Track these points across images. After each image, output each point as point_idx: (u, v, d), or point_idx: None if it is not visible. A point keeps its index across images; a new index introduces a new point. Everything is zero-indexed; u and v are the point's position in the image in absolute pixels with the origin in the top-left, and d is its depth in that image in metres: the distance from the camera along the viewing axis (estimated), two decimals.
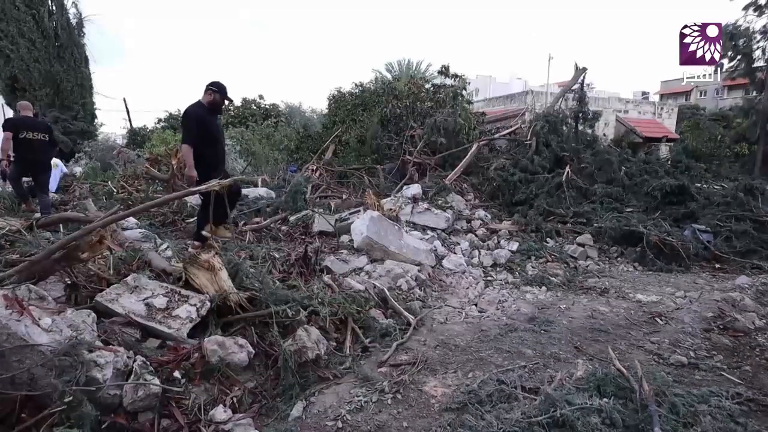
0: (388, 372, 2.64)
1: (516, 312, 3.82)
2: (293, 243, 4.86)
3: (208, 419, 2.10)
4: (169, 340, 2.44)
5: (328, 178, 9.36)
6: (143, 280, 2.69)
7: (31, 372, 1.86)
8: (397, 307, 3.46)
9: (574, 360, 2.77)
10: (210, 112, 3.92)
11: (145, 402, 2.03)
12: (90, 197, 6.40)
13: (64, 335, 2.05)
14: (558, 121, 8.86)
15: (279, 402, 2.31)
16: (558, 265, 5.39)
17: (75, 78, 18.84)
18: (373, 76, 22.32)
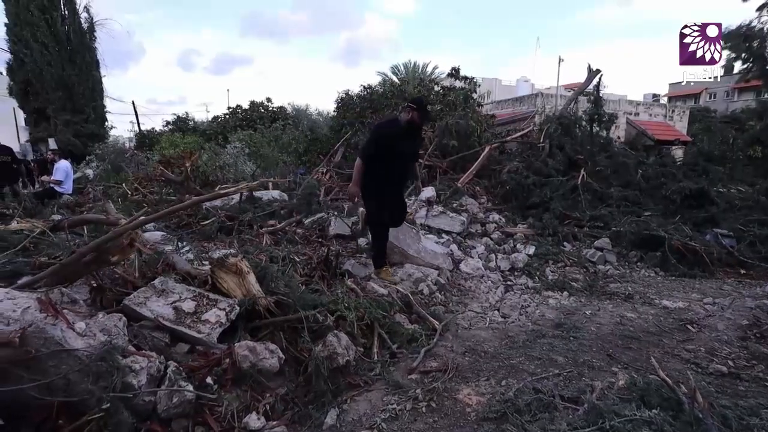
0: (419, 379, 2.59)
1: (541, 317, 3.76)
2: (310, 246, 4.82)
3: (242, 427, 2.06)
4: (198, 345, 2.40)
5: (339, 180, 9.35)
6: (170, 284, 2.66)
7: (67, 377, 1.82)
8: (421, 312, 3.41)
9: (609, 368, 2.70)
10: (405, 132, 3.61)
11: (179, 409, 2.00)
12: (106, 199, 6.41)
13: (97, 340, 2.01)
14: (571, 124, 8.81)
15: (311, 409, 2.26)
16: (577, 270, 5.32)
17: (86, 82, 19.03)
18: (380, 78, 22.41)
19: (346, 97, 12.78)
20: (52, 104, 18.32)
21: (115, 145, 16.77)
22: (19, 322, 1.87)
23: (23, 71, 18.08)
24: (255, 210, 5.92)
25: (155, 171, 8.12)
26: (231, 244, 4.59)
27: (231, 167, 10.07)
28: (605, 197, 7.18)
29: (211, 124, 18.73)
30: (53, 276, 2.31)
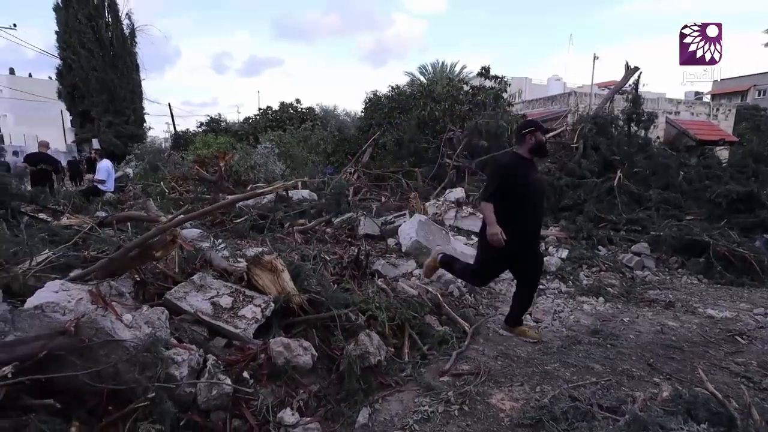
0: (450, 381, 2.56)
1: (575, 323, 3.64)
2: (340, 245, 4.87)
3: (277, 422, 2.10)
4: (235, 340, 2.47)
5: (366, 180, 9.40)
6: (208, 279, 2.75)
7: (116, 366, 1.92)
8: (451, 314, 3.38)
9: (651, 379, 2.59)
10: (527, 162, 3.05)
11: (218, 401, 2.06)
12: (147, 197, 6.70)
13: (143, 331, 2.11)
14: (607, 124, 8.47)
15: (343, 407, 2.28)
16: (613, 275, 5.12)
17: (127, 85, 20.00)
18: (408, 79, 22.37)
19: (374, 98, 12.83)
20: (96, 107, 19.40)
21: (152, 146, 17.55)
22: (74, 312, 1.98)
23: (71, 76, 19.24)
24: (285, 209, 6.04)
25: (191, 170, 8.44)
26: (263, 242, 4.70)
27: (261, 167, 10.31)
28: (643, 200, 6.87)
29: (243, 125, 19.28)
30: (102, 269, 2.44)
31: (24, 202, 4.16)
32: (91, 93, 19.14)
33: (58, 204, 4.74)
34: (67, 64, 19.19)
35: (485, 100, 10.53)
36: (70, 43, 18.86)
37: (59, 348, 1.82)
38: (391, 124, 11.88)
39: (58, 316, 1.94)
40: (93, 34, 19.13)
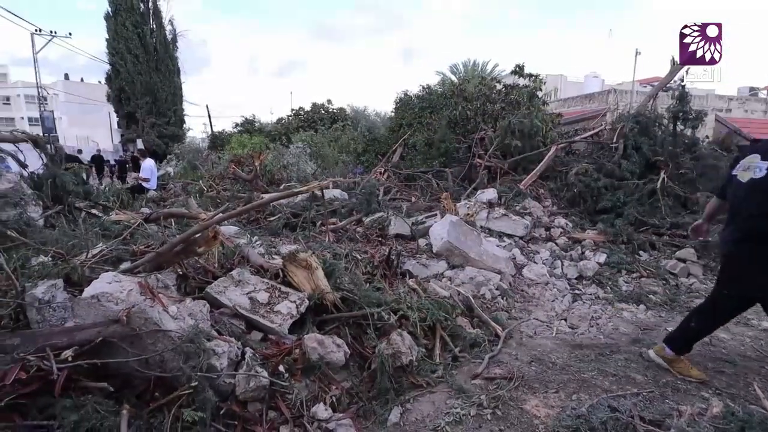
0: (483, 385, 2.53)
1: (614, 331, 3.49)
2: (370, 244, 4.91)
3: (311, 416, 2.15)
4: (271, 334, 2.54)
5: (396, 180, 9.41)
6: (246, 275, 2.85)
7: (162, 355, 2.03)
8: (483, 317, 3.33)
9: (698, 393, 2.44)
10: None
11: (255, 393, 2.13)
12: (187, 195, 7.02)
13: (186, 323, 2.21)
14: (650, 122, 8.05)
15: (375, 405, 2.31)
16: (655, 282, 4.86)
17: (169, 88, 21.00)
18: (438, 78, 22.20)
19: (405, 98, 12.82)
20: (140, 109, 20.53)
21: (191, 146, 18.33)
22: (125, 302, 2.11)
23: (119, 80, 20.47)
24: (317, 208, 6.15)
25: (228, 169, 8.75)
26: (296, 240, 4.81)
27: (293, 166, 10.55)
28: (689, 203, 6.49)
29: (276, 126, 19.77)
30: (150, 263, 2.58)
31: (79, 198, 4.46)
32: (136, 96, 20.30)
33: (108, 200, 5.05)
34: (116, 69, 20.44)
35: (519, 98, 10.28)
36: (118, 49, 20.07)
37: (113, 335, 1.95)
38: (422, 124, 11.84)
39: (112, 305, 2.08)
40: (139, 40, 20.26)
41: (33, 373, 1.80)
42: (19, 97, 46.79)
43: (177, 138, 20.63)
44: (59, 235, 2.93)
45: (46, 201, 3.91)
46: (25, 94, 43.96)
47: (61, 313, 2.17)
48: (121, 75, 20.15)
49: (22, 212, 3.32)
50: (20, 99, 46.61)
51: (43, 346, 1.87)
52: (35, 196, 3.70)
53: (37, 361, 1.81)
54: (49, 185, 3.93)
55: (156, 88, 20.44)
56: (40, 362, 1.80)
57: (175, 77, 21.75)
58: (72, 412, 1.78)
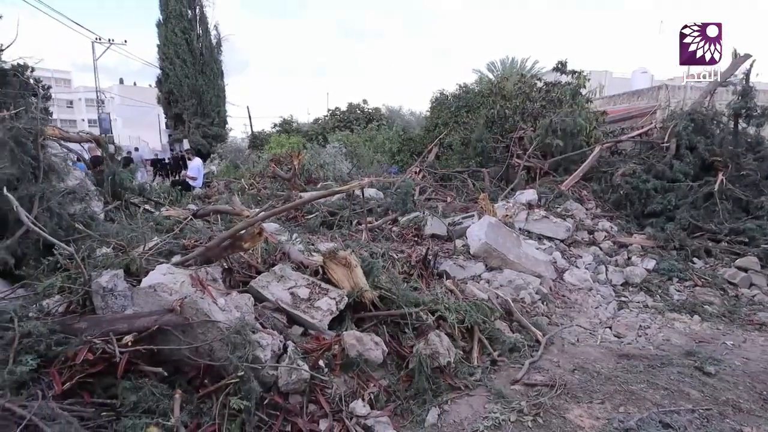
0: (523, 391, 2.47)
1: (665, 342, 3.30)
2: (406, 244, 4.90)
3: (349, 411, 2.19)
4: (311, 329, 2.61)
5: (431, 180, 9.35)
6: (288, 271, 2.94)
7: (211, 345, 2.14)
8: (523, 321, 3.24)
9: (764, 414, 2.26)
10: None
11: (296, 385, 2.20)
12: (230, 193, 7.32)
13: (233, 315, 2.32)
14: (707, 120, 7.51)
15: (413, 405, 2.31)
16: (711, 292, 4.53)
17: (213, 90, 21.98)
18: (476, 76, 21.81)
19: (441, 97, 12.70)
20: (187, 110, 21.63)
21: (233, 145, 19.10)
22: (179, 293, 2.24)
23: (168, 83, 21.67)
24: (353, 207, 6.22)
25: (267, 168, 9.05)
26: (332, 238, 4.89)
27: (330, 166, 10.74)
28: (752, 208, 5.99)
29: (312, 126, 20.20)
30: (199, 256, 2.72)
31: (134, 195, 4.77)
32: (183, 98, 21.40)
33: (159, 197, 5.37)
34: (165, 73, 21.65)
35: (561, 96, 9.91)
36: (168, 54, 21.25)
37: (168, 323, 2.07)
38: (458, 123, 11.68)
39: (167, 295, 2.21)
40: (186, 45, 21.34)
41: (98, 355, 1.95)
42: (80, 100, 50.69)
43: (220, 138, 21.55)
44: (119, 228, 3.15)
45: (106, 196, 4.22)
46: (86, 98, 47.53)
47: (121, 301, 2.33)
48: (170, 78, 21.33)
49: (87, 207, 3.60)
50: (81, 102, 50.49)
51: (106, 331, 2.02)
52: (97, 192, 3.99)
53: (102, 344, 1.95)
54: (109, 182, 4.23)
55: (201, 90, 21.46)
56: (104, 345, 1.95)
57: (219, 80, 22.73)
58: (131, 393, 1.91)
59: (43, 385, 1.88)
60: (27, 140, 3.04)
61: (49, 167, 3.20)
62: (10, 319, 1.97)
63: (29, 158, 3.01)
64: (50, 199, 3.04)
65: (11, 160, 2.90)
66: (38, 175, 3.08)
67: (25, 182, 2.96)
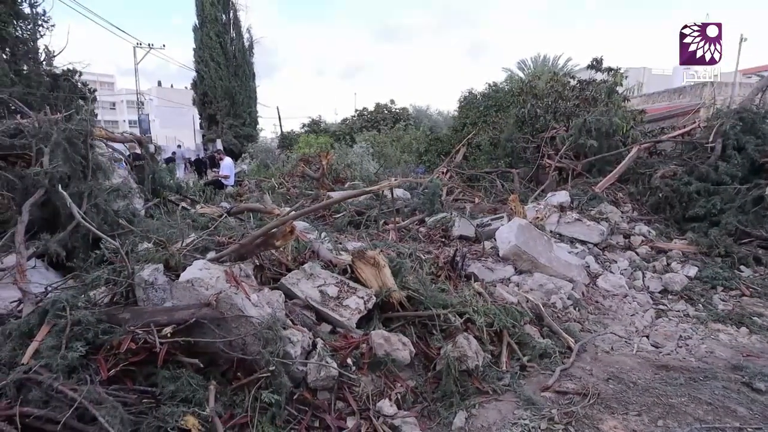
0: (554, 398, 2.40)
1: (709, 354, 3.12)
2: (433, 245, 4.88)
3: (377, 410, 2.20)
4: (339, 327, 2.64)
5: (459, 181, 9.25)
6: (317, 269, 2.98)
7: (244, 339, 2.20)
8: (554, 327, 3.16)
9: None
10: None
11: (325, 382, 2.23)
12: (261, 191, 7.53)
13: (265, 311, 2.38)
14: (758, 118, 7.04)
15: (440, 407, 2.30)
16: (761, 302, 4.25)
17: (245, 91, 22.66)
18: (505, 75, 21.38)
19: (470, 96, 12.54)
20: (220, 111, 22.43)
21: (263, 145, 19.60)
22: (214, 288, 2.32)
23: (203, 85, 22.56)
24: (380, 206, 6.25)
25: (296, 168, 9.23)
26: (360, 237, 4.93)
27: (357, 165, 10.83)
28: None
29: (340, 126, 20.45)
30: (233, 253, 2.81)
31: (171, 192, 4.99)
32: (217, 99, 22.22)
33: (195, 195, 5.59)
34: (200, 75, 22.55)
35: (596, 95, 9.56)
36: (203, 57, 22.11)
37: (204, 317, 2.15)
38: (487, 123, 11.50)
39: (203, 290, 2.30)
40: (221, 48, 22.13)
41: (140, 345, 2.06)
42: (122, 102, 53.44)
43: (251, 138, 22.22)
44: (159, 225, 3.31)
45: (146, 194, 4.43)
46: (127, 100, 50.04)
47: (161, 294, 2.44)
48: (204, 81, 22.20)
49: (129, 203, 3.80)
50: (123, 104, 53.22)
51: (148, 322, 2.13)
52: (139, 190, 4.20)
53: (143, 335, 2.06)
54: (150, 180, 4.44)
55: (234, 91, 22.21)
56: (146, 336, 2.05)
57: (250, 81, 23.45)
58: (170, 382, 2.00)
59: (91, 371, 2.00)
60: (78, 141, 3.25)
61: (97, 166, 3.40)
62: (62, 308, 2.11)
63: (80, 158, 3.21)
64: (97, 196, 3.23)
65: (64, 159, 3.10)
66: (87, 174, 3.28)
67: (76, 180, 3.16)
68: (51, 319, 2.10)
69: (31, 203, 2.97)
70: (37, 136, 3.25)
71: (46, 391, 1.81)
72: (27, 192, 3.09)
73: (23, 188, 3.12)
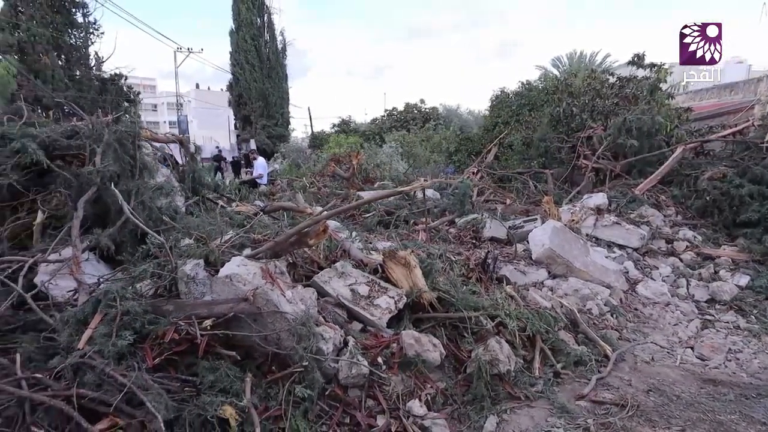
0: (589, 408, 2.33)
1: (762, 370, 2.92)
2: (464, 246, 4.83)
3: (406, 410, 2.21)
4: (369, 326, 2.67)
5: (490, 181, 9.09)
6: (348, 268, 3.03)
7: (279, 334, 2.27)
8: (590, 334, 3.05)
9: None
10: None
11: (355, 380, 2.26)
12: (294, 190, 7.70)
13: (299, 307, 2.44)
14: None
15: (470, 410, 2.28)
16: None
17: (278, 92, 23.25)
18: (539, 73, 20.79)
19: (502, 95, 12.29)
20: (254, 112, 23.13)
21: (294, 145, 20.03)
22: (251, 284, 2.41)
23: (238, 87, 23.37)
24: (410, 207, 6.24)
25: (327, 167, 9.37)
26: (389, 237, 4.95)
27: (386, 165, 10.86)
28: None
29: (370, 126, 20.57)
30: (268, 250, 2.90)
31: (210, 191, 5.20)
32: (251, 101, 22.95)
33: (231, 193, 5.79)
34: (236, 77, 23.36)
35: (637, 92, 9.13)
36: (239, 60, 22.90)
37: (242, 311, 2.24)
38: (519, 122, 11.24)
39: (241, 286, 2.39)
40: (255, 51, 22.83)
41: (183, 336, 2.16)
42: (163, 104, 56.13)
43: (283, 138, 22.79)
44: (199, 222, 3.46)
45: (187, 192, 4.64)
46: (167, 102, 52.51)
47: (201, 288, 2.56)
48: (240, 83, 22.99)
49: (171, 201, 3.99)
50: (164, 106, 55.89)
51: (189, 314, 2.23)
52: (180, 188, 4.40)
53: (186, 326, 2.16)
54: (190, 179, 4.65)
55: (268, 93, 22.87)
56: (188, 327, 2.16)
57: (283, 83, 24.07)
58: (210, 373, 2.09)
59: (138, 359, 2.12)
60: (127, 141, 3.45)
61: (143, 165, 3.60)
62: (113, 298, 2.25)
63: (128, 157, 3.41)
64: (143, 194, 3.42)
65: (114, 159, 3.31)
66: (135, 173, 3.48)
67: (125, 178, 3.36)
68: (103, 309, 2.25)
69: (84, 200, 3.18)
70: (90, 137, 3.48)
71: (99, 375, 1.94)
72: (81, 189, 3.31)
73: (78, 186, 3.34)
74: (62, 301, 2.64)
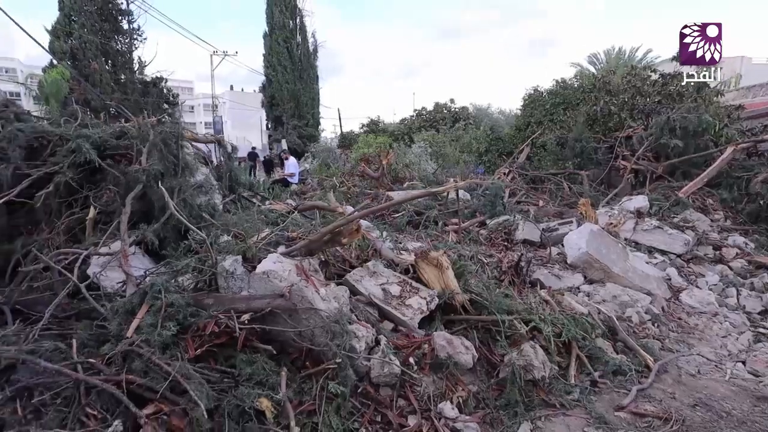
0: (630, 420, 2.23)
1: None
2: (495, 248, 4.75)
3: (438, 411, 2.20)
4: (401, 326, 2.68)
5: (522, 182, 8.89)
6: (380, 267, 3.05)
7: (313, 330, 2.32)
8: (630, 342, 2.93)
9: None
10: None
11: (387, 379, 2.27)
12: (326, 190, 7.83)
13: (332, 305, 2.48)
14: None
15: (503, 415, 2.24)
16: None
17: (309, 93, 23.70)
18: (574, 71, 20.11)
19: (535, 94, 11.97)
20: (285, 113, 23.70)
21: (324, 145, 20.32)
22: (287, 281, 2.47)
23: (271, 88, 24.01)
24: (440, 207, 6.20)
25: (357, 167, 9.47)
26: (419, 237, 4.94)
27: (415, 165, 10.83)
28: None
29: (399, 126, 20.58)
30: (303, 248, 2.96)
31: (245, 189, 5.36)
32: (283, 102, 23.54)
33: (265, 192, 5.96)
34: (269, 79, 24.00)
35: (681, 89, 8.66)
36: (271, 62, 23.53)
37: (278, 307, 2.30)
38: (553, 122, 10.92)
39: (277, 282, 2.45)
40: (287, 53, 23.39)
41: (222, 329, 2.25)
42: (199, 105, 58.40)
43: (313, 138, 23.20)
44: (236, 219, 3.58)
45: (224, 190, 4.81)
46: (204, 103, 54.55)
47: (239, 283, 2.64)
48: (272, 84, 23.62)
49: (210, 199, 4.15)
50: (200, 107, 58.13)
51: (228, 308, 2.32)
52: (218, 186, 4.57)
53: (225, 320, 2.25)
54: (227, 178, 4.81)
55: (299, 94, 23.40)
56: (227, 321, 2.24)
57: (314, 84, 24.54)
58: (247, 366, 2.17)
59: (180, 349, 2.22)
60: (171, 142, 3.62)
61: (185, 164, 3.76)
62: (158, 291, 2.37)
63: (172, 157, 3.57)
64: (185, 192, 3.57)
65: (159, 158, 3.48)
66: (177, 171, 3.64)
67: (168, 177, 3.52)
68: (149, 300, 2.37)
69: (132, 197, 3.37)
70: (137, 137, 3.68)
71: (146, 363, 2.04)
72: (129, 187, 3.50)
73: (126, 183, 3.54)
74: (112, 291, 2.80)
